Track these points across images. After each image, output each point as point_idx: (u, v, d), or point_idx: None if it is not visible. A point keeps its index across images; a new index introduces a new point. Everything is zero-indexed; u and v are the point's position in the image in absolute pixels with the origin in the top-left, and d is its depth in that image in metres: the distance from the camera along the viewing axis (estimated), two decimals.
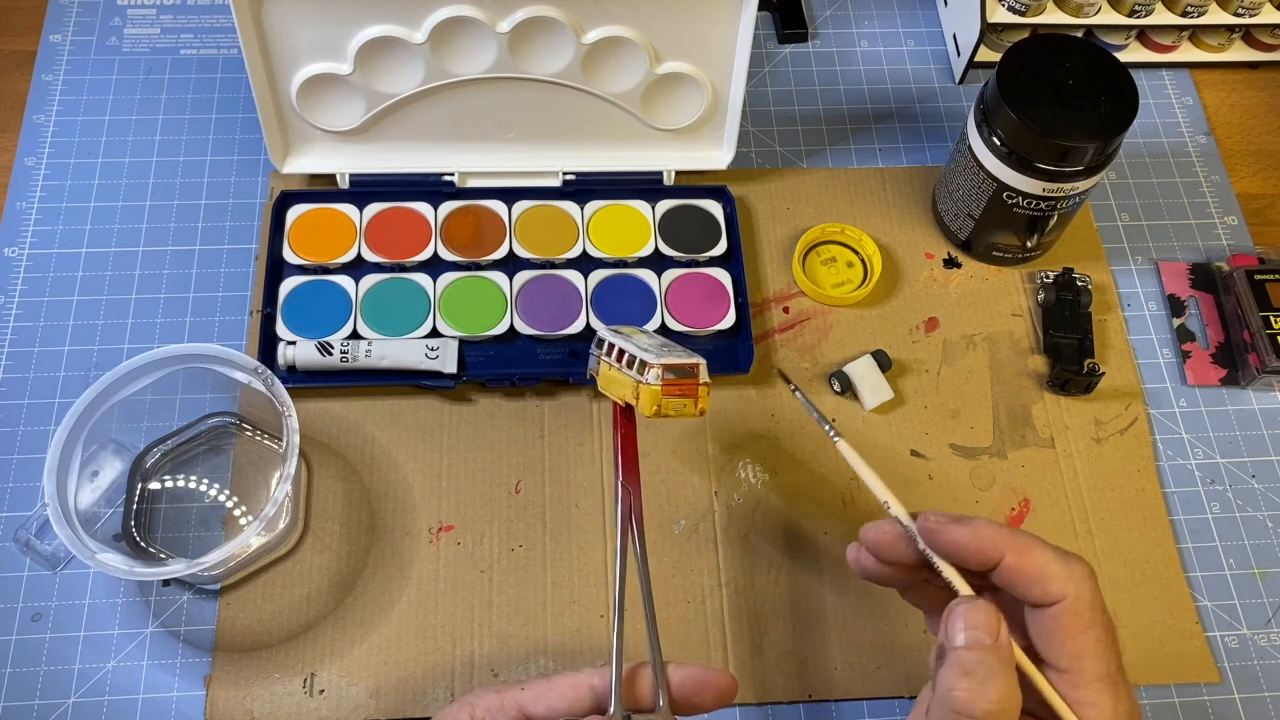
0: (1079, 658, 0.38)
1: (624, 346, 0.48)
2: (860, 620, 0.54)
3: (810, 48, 0.73)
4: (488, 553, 0.55)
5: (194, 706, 0.51)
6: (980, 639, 0.37)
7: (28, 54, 0.69)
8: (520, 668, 0.52)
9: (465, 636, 0.53)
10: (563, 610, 0.53)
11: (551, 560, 0.55)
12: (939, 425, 0.59)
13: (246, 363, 0.51)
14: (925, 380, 0.61)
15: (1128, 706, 0.38)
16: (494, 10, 0.56)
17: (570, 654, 0.53)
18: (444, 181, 0.63)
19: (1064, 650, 0.38)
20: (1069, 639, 0.38)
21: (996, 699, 0.36)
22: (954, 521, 0.40)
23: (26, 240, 0.62)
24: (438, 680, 0.52)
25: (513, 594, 0.54)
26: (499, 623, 0.53)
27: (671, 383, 0.46)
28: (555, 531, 0.55)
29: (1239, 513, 0.58)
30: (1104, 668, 0.38)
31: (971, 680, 0.36)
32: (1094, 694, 0.38)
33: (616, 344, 0.49)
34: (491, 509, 0.56)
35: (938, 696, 0.37)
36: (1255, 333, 0.61)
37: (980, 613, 0.38)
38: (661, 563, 0.55)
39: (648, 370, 0.46)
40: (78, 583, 0.53)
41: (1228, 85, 0.73)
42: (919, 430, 0.59)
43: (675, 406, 0.46)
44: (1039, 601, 0.39)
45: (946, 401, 0.60)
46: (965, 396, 0.60)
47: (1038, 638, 0.39)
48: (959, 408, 0.60)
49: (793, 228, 0.65)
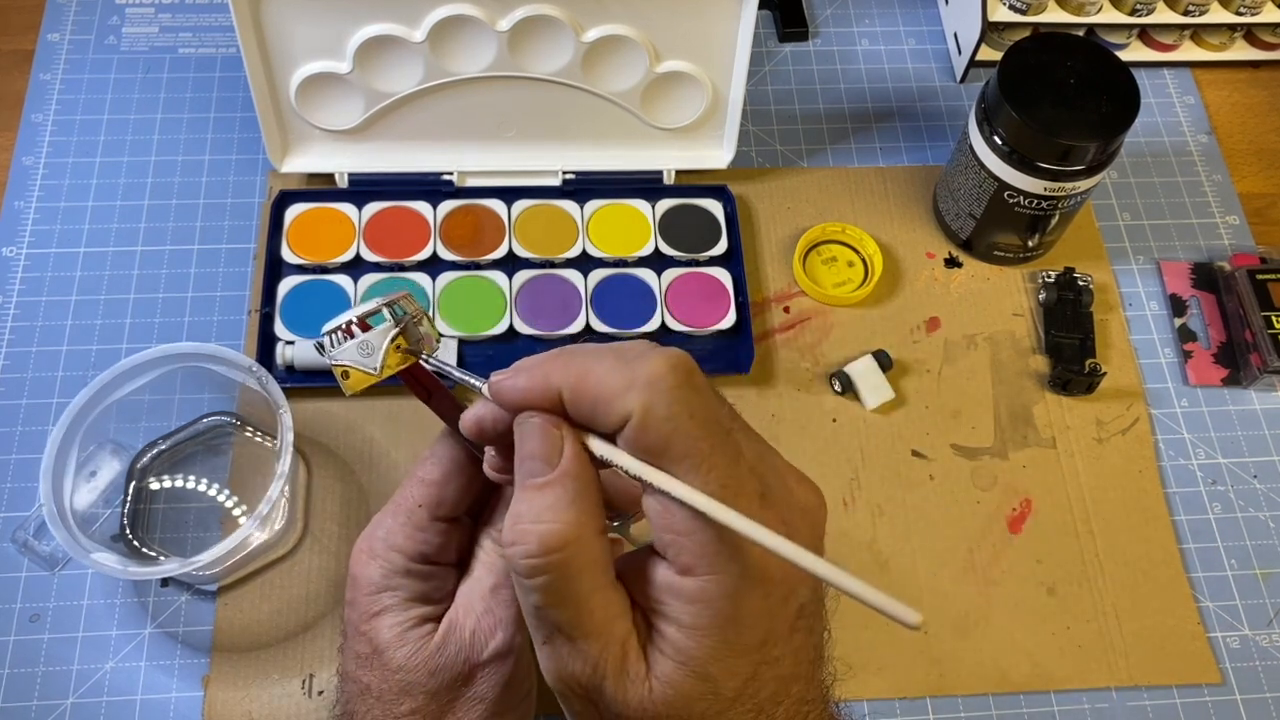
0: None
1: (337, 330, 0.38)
2: (859, 620, 0.53)
3: (811, 46, 0.73)
4: None
5: (192, 707, 0.50)
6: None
7: (26, 53, 0.68)
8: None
9: None
10: None
11: None
12: (940, 425, 0.59)
13: (242, 361, 0.51)
14: (926, 380, 0.60)
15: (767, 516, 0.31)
16: (493, 9, 0.56)
17: None
18: (443, 181, 0.63)
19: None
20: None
21: (537, 546, 0.31)
22: (512, 373, 0.33)
23: (24, 240, 0.62)
24: None
25: None
26: None
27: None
28: None
29: (1240, 513, 0.58)
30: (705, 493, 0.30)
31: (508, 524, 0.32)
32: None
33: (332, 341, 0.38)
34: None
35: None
36: (1257, 332, 0.60)
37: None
38: None
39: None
40: (76, 583, 0.53)
41: (1229, 84, 0.73)
42: (920, 430, 0.59)
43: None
44: (613, 428, 0.31)
45: (947, 401, 0.60)
46: (966, 396, 0.60)
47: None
48: (960, 408, 0.60)
49: (793, 227, 0.65)
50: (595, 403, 0.31)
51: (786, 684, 0.32)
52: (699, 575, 0.31)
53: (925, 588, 0.55)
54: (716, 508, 0.30)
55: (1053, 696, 0.53)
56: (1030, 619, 0.54)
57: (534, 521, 0.31)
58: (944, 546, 0.56)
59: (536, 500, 0.32)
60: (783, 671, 0.32)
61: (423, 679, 0.37)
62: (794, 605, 0.32)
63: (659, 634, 0.32)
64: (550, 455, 0.32)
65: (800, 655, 0.33)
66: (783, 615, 0.32)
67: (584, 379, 0.32)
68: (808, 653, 0.33)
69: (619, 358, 0.32)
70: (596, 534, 0.32)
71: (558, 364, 0.33)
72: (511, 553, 0.31)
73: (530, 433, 0.33)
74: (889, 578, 0.55)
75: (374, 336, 0.36)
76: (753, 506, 0.31)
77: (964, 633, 0.54)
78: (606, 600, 0.32)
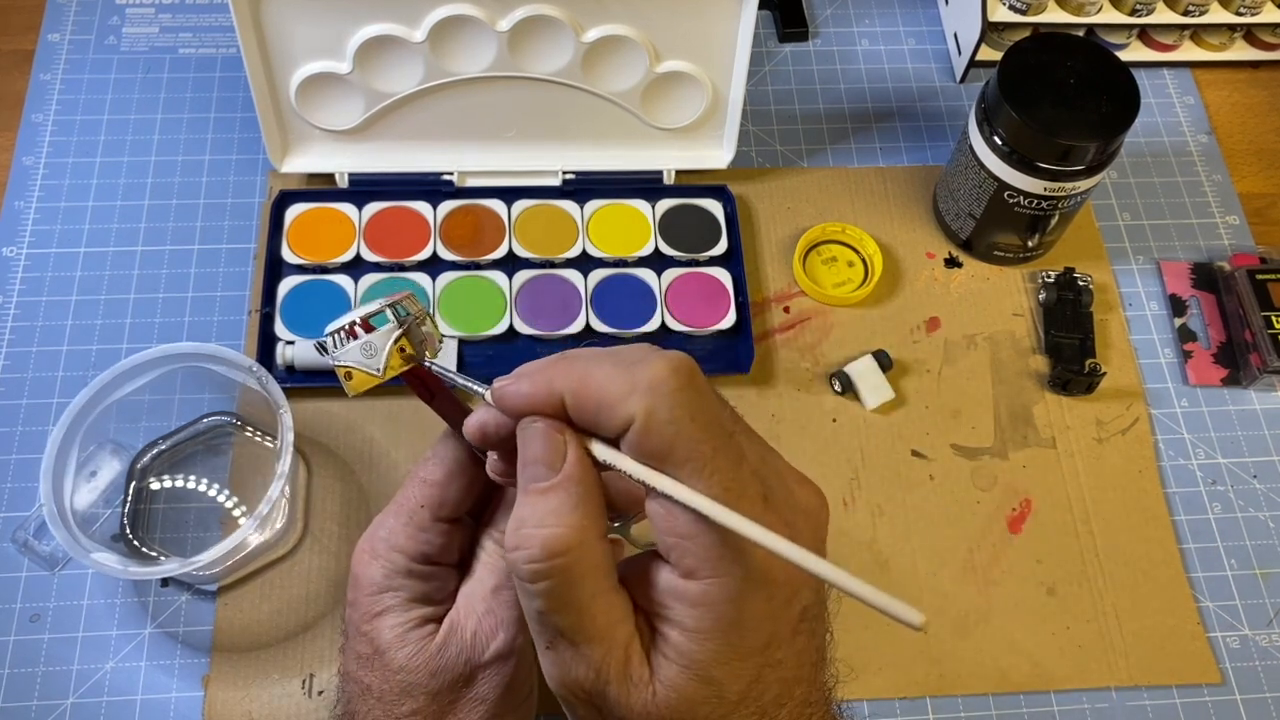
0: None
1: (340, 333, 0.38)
2: (860, 620, 0.53)
3: (811, 46, 0.73)
4: None
5: (192, 707, 0.50)
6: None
7: (26, 53, 0.68)
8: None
9: None
10: None
11: None
12: (940, 425, 0.59)
13: (242, 361, 0.50)
14: (926, 380, 0.60)
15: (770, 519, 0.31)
16: (493, 9, 0.56)
17: None
18: (443, 181, 0.63)
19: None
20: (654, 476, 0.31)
21: (540, 547, 0.31)
22: (514, 379, 0.33)
23: (25, 240, 0.62)
24: None
25: None
26: None
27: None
28: None
29: (1240, 513, 0.58)
30: (708, 496, 0.30)
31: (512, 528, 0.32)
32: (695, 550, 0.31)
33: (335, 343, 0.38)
34: None
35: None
36: (1257, 332, 0.61)
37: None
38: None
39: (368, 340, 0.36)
40: (76, 583, 0.53)
41: (1229, 84, 0.73)
42: (920, 430, 0.59)
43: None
44: (616, 433, 0.31)
45: (947, 401, 0.60)
46: (966, 396, 0.60)
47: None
48: (960, 408, 0.60)
49: (793, 227, 0.65)
50: (598, 407, 0.31)
51: (790, 686, 0.32)
52: (702, 579, 0.31)
53: (925, 588, 0.55)
54: (719, 511, 0.30)
55: (1053, 696, 0.53)
56: (1030, 619, 0.54)
57: (537, 526, 0.31)
58: (944, 546, 0.56)
59: (539, 505, 0.32)
60: (786, 674, 0.32)
61: (424, 680, 0.37)
62: (797, 607, 0.32)
63: (662, 638, 0.32)
64: (553, 460, 0.32)
65: (803, 657, 0.33)
66: (786, 618, 0.32)
67: (586, 384, 0.32)
68: (810, 655, 0.33)
69: (621, 362, 0.32)
70: (599, 539, 0.32)
71: (560, 369, 0.33)
72: (514, 558, 0.31)
73: (533, 438, 0.33)
74: (889, 578, 0.55)
75: (377, 338, 0.36)
76: (755, 509, 0.31)
77: (964, 633, 0.54)
78: (609, 605, 0.32)
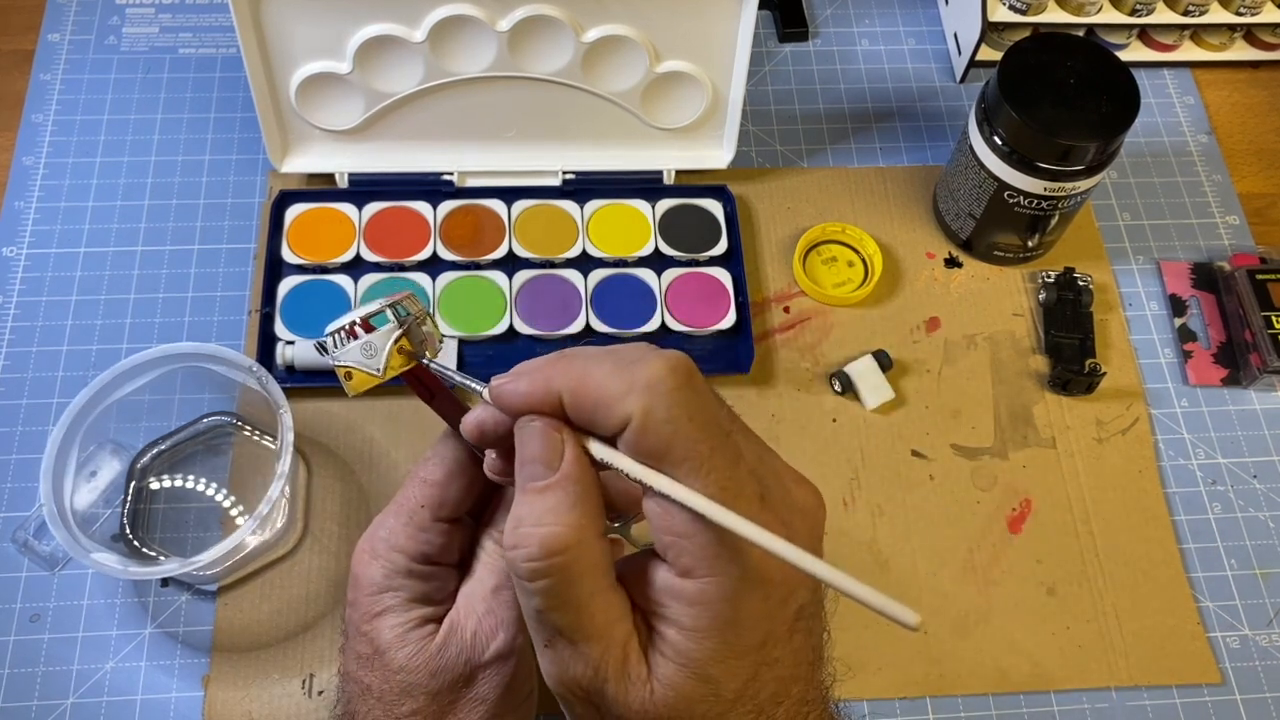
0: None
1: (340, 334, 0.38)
2: (859, 620, 0.54)
3: (811, 46, 0.73)
4: None
5: (192, 707, 0.50)
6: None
7: (26, 53, 0.68)
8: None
9: None
10: None
11: None
12: (940, 425, 0.59)
13: (242, 361, 0.51)
14: (926, 380, 0.60)
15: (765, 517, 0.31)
16: (493, 9, 0.56)
17: None
18: (443, 181, 0.63)
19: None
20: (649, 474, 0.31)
21: (539, 546, 0.31)
22: (512, 378, 0.33)
23: (25, 240, 0.62)
24: None
25: None
26: None
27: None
28: None
29: (1240, 513, 0.58)
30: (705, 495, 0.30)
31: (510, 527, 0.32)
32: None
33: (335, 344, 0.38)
34: None
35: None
36: (1257, 332, 0.60)
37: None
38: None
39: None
40: (76, 583, 0.53)
41: (1229, 84, 0.73)
42: (920, 430, 0.59)
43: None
44: (613, 432, 0.31)
45: (947, 401, 0.60)
46: (966, 396, 0.60)
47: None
48: (960, 408, 0.60)
49: (793, 227, 0.65)
50: (595, 406, 0.31)
51: (786, 685, 0.32)
52: (699, 577, 0.31)
53: (925, 588, 0.55)
54: (716, 510, 0.30)
55: (1053, 696, 0.53)
56: (1030, 619, 0.54)
57: (535, 525, 0.31)
58: (944, 546, 0.56)
59: (538, 504, 0.32)
60: (782, 672, 0.32)
61: (424, 680, 0.37)
62: (793, 606, 0.32)
63: (660, 636, 0.32)
64: (551, 459, 0.32)
65: (800, 656, 0.33)
66: (782, 617, 0.32)
67: (584, 382, 0.32)
68: (807, 654, 0.33)
69: (619, 361, 0.32)
70: (597, 537, 0.32)
71: (558, 368, 0.33)
72: (513, 556, 0.31)
73: (531, 436, 0.33)
74: (889, 578, 0.55)
75: (377, 338, 0.36)
76: (752, 508, 0.31)
77: (964, 633, 0.54)
78: (607, 603, 0.32)
